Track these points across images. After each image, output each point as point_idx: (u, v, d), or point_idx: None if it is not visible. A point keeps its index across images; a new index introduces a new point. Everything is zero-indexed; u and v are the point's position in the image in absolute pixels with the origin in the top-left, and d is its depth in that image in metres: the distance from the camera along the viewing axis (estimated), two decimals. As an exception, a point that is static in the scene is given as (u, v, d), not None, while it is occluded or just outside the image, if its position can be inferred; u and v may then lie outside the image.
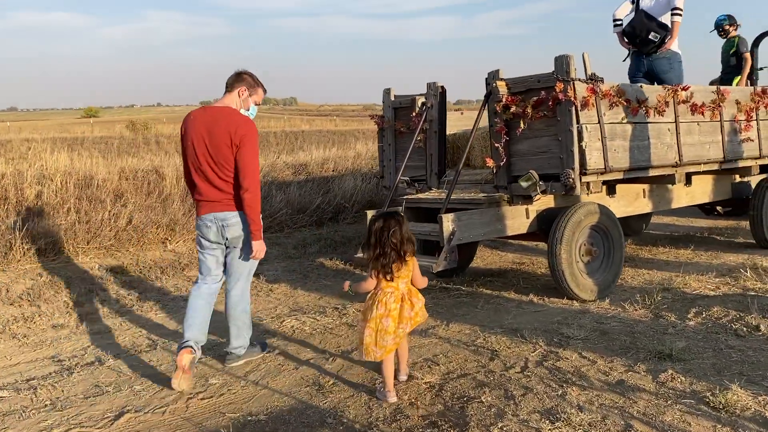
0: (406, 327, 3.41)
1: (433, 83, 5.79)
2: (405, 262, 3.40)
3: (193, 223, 7.88)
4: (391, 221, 3.41)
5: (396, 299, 3.39)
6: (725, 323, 4.23)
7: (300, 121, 46.78)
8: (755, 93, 6.16)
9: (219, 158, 3.69)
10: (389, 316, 3.36)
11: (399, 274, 3.40)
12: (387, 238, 3.35)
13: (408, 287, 3.46)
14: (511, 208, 5.21)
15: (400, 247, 3.36)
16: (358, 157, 12.62)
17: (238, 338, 4.03)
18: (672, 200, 6.47)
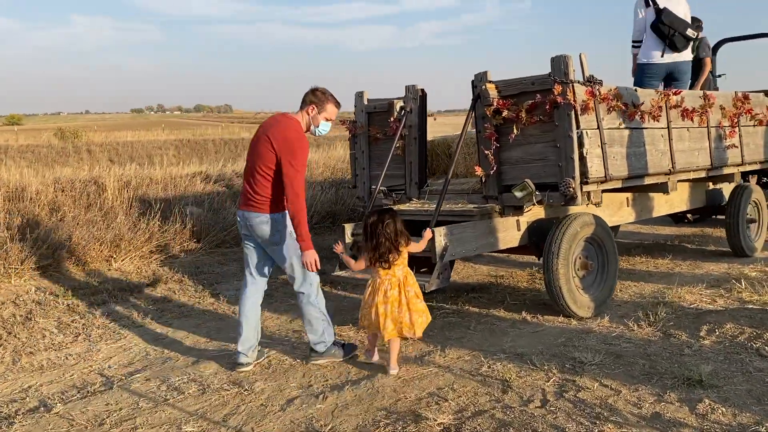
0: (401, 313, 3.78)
1: (412, 86, 5.37)
2: (400, 252, 3.79)
3: (140, 238, 7.21)
4: (385, 215, 3.83)
5: (393, 285, 3.80)
6: (743, 342, 3.97)
7: (239, 129, 45.56)
8: (737, 99, 6.02)
9: (258, 160, 3.85)
10: (388, 302, 3.77)
11: (395, 262, 3.79)
12: (382, 230, 3.75)
13: (405, 272, 3.85)
14: (502, 220, 4.84)
15: (394, 239, 3.76)
16: (314, 165, 12.06)
17: (314, 333, 4.04)
18: (653, 209, 6.26)
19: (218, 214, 8.36)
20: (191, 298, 5.98)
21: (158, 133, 35.28)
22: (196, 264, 7.11)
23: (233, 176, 11.02)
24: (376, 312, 3.80)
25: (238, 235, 8.08)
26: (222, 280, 6.57)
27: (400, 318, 3.79)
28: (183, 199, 8.74)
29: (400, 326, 3.79)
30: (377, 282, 3.83)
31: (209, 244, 7.71)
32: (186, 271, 6.77)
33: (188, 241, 7.61)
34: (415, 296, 3.86)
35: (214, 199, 8.77)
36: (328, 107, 4.00)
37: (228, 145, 34.17)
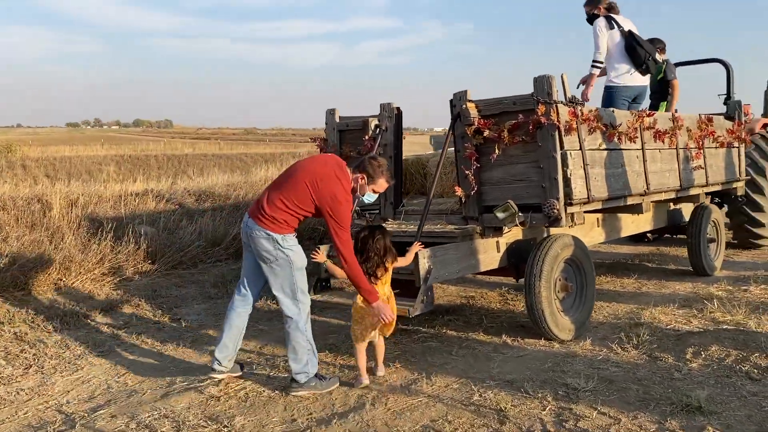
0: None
1: (387, 104, 5.24)
2: (386, 269, 3.93)
3: (91, 260, 6.80)
4: (375, 231, 3.98)
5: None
6: (731, 364, 3.96)
7: (181, 144, 44.56)
8: (701, 121, 6.13)
9: (292, 192, 3.79)
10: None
11: (381, 278, 3.92)
12: (372, 245, 3.89)
13: (387, 288, 3.98)
14: (483, 241, 4.74)
15: (383, 254, 3.90)
16: (268, 182, 11.76)
17: (297, 362, 3.89)
18: (621, 229, 6.31)
19: (174, 234, 8.00)
20: (150, 324, 5.63)
21: (97, 149, 34.08)
22: (152, 287, 6.74)
23: (185, 194, 10.63)
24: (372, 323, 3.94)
25: (195, 256, 7.78)
26: (182, 304, 6.25)
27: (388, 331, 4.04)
28: (135, 218, 8.34)
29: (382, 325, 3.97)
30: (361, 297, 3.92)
31: (165, 265, 7.34)
32: (142, 294, 6.41)
33: (143, 263, 7.23)
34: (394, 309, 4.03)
35: (168, 218, 8.39)
36: (380, 181, 3.99)
37: (171, 160, 33.31)
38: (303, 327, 3.92)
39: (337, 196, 3.75)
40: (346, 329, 5.22)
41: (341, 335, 5.10)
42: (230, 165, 30.21)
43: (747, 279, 6.48)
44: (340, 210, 3.74)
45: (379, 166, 3.97)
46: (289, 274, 3.85)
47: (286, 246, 3.81)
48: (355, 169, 3.96)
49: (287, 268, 3.84)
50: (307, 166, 3.90)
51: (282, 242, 3.80)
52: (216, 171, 18.06)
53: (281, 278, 3.87)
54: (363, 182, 3.94)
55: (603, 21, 6.29)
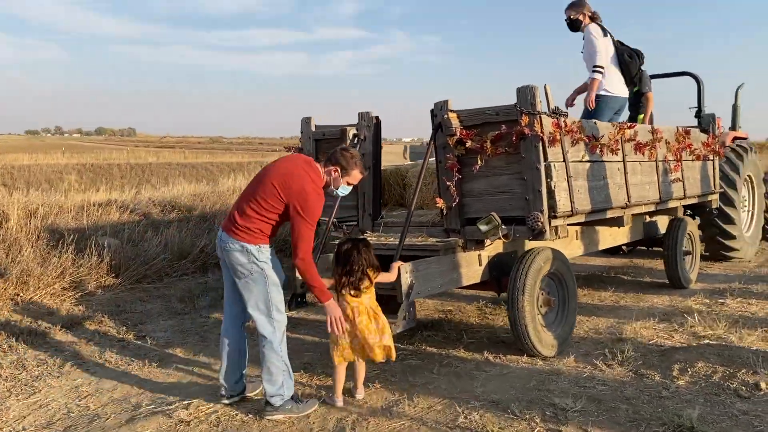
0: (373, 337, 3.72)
1: (366, 113, 5.08)
2: (370, 282, 3.79)
3: (51, 273, 6.48)
4: (359, 243, 3.86)
5: (361, 312, 3.74)
6: (718, 381, 3.88)
7: (145, 153, 43.71)
8: (679, 134, 6.12)
9: (260, 194, 3.62)
10: (358, 329, 3.72)
11: (365, 290, 3.77)
12: (356, 258, 3.75)
13: (372, 302, 3.81)
14: (465, 255, 4.60)
15: (366, 267, 3.76)
16: (238, 191, 11.48)
17: (272, 384, 3.68)
18: (599, 242, 6.25)
19: (138, 246, 7.72)
20: (114, 341, 5.34)
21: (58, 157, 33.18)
22: (115, 302, 6.45)
23: (150, 204, 10.32)
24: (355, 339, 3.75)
25: (161, 270, 7.49)
26: (147, 320, 5.96)
27: (373, 344, 3.74)
28: (98, 230, 8.02)
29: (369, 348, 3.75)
30: (347, 311, 3.75)
31: (129, 279, 7.06)
32: (105, 310, 6.11)
33: (106, 277, 6.94)
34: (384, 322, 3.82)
35: (132, 229, 8.09)
36: (354, 173, 3.84)
37: (134, 169, 32.62)
38: (278, 347, 3.72)
39: (306, 189, 3.58)
40: (322, 347, 5.04)
41: (317, 353, 4.90)
42: (196, 174, 29.71)
43: (723, 292, 6.48)
44: (308, 204, 3.56)
45: (352, 157, 3.82)
46: (263, 290, 3.66)
47: (261, 259, 3.63)
48: (326, 162, 3.81)
49: (262, 283, 3.65)
50: (274, 167, 3.75)
51: (257, 254, 3.62)
52: (181, 180, 17.67)
53: (256, 294, 3.67)
54: (336, 174, 3.79)
55: (597, 28, 6.16)
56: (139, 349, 5.17)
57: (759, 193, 9.04)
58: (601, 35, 6.10)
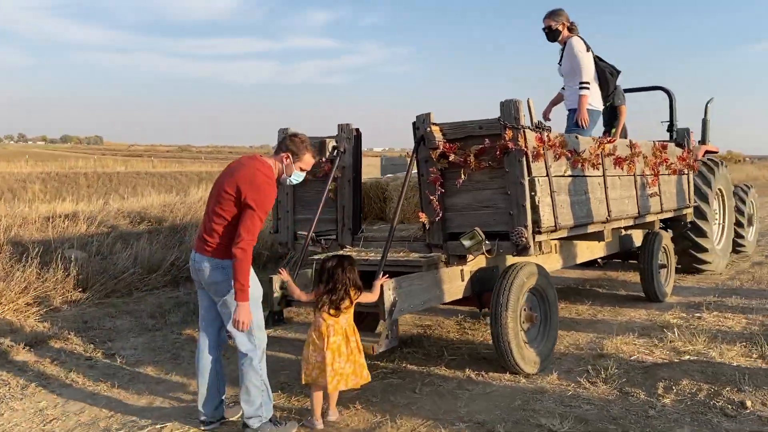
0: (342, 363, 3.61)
1: (346, 125, 4.99)
2: (351, 302, 3.68)
3: (14, 288, 6.23)
4: (344, 261, 3.73)
5: (336, 332, 3.64)
6: (704, 400, 3.84)
7: (112, 162, 42.90)
8: (656, 148, 6.15)
9: (219, 202, 3.53)
10: (329, 349, 3.60)
11: (344, 312, 3.67)
12: (340, 276, 3.65)
13: (349, 323, 3.70)
14: (448, 270, 4.52)
15: (349, 286, 3.65)
16: (201, 204, 11.25)
17: (250, 404, 3.57)
18: (577, 255, 6.24)
19: (107, 259, 7.47)
20: (81, 360, 5.13)
21: (21, 165, 32.32)
22: (83, 318, 6.21)
23: (118, 215, 10.05)
24: (323, 359, 3.61)
25: (131, 284, 7.26)
26: (116, 337, 5.74)
27: (340, 370, 3.63)
28: (64, 242, 7.75)
29: (338, 379, 3.64)
30: (322, 328, 3.66)
31: (97, 294, 6.82)
32: (72, 326, 5.88)
33: (72, 291, 6.69)
34: (357, 349, 3.73)
35: (101, 241, 7.84)
36: (305, 157, 3.74)
37: (102, 179, 31.98)
38: (258, 365, 3.60)
39: (256, 180, 3.47)
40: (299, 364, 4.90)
41: (294, 371, 4.76)
42: (165, 184, 29.25)
43: (699, 305, 6.51)
44: (259, 194, 3.43)
45: (302, 142, 3.72)
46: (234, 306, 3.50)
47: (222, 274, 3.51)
48: (277, 151, 3.74)
49: (231, 301, 3.51)
50: (221, 174, 3.65)
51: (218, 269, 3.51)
52: (150, 190, 17.31)
53: (231, 309, 3.52)
54: (288, 161, 3.68)
55: (580, 42, 6.03)
56: (108, 368, 4.97)
57: (729, 206, 9.16)
58: (585, 50, 6.00)
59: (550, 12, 6.18)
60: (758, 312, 6.14)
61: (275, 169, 3.66)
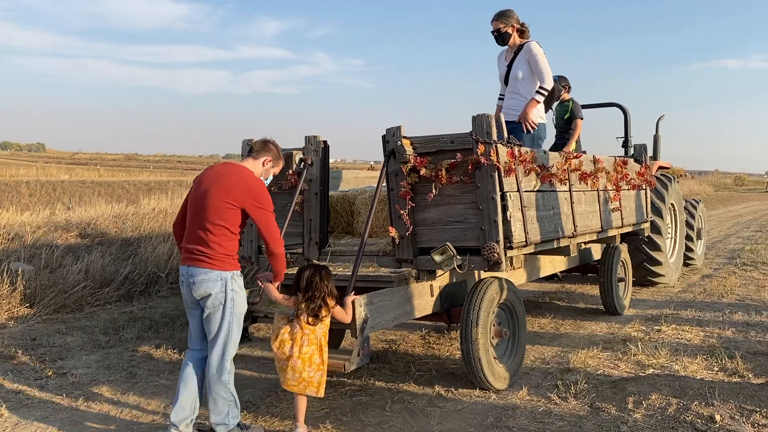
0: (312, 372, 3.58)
1: (313, 137, 4.89)
2: (329, 311, 3.65)
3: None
4: (322, 270, 3.71)
5: (310, 342, 3.60)
6: (674, 414, 3.87)
7: (56, 170, 41.54)
8: (617, 163, 6.25)
9: (211, 213, 3.52)
10: (300, 358, 3.57)
11: (323, 320, 3.64)
12: (318, 284, 3.62)
13: (324, 333, 3.66)
14: (418, 286, 4.46)
15: (327, 295, 3.62)
16: (162, 213, 10.94)
17: (217, 413, 3.58)
18: (540, 269, 6.28)
19: (55, 272, 7.15)
20: (30, 379, 4.85)
21: (-43, 172, 30.95)
22: (30, 334, 5.91)
23: (67, 226, 9.66)
24: (285, 362, 3.60)
25: (82, 298, 6.96)
26: (67, 355, 5.47)
27: (308, 378, 3.60)
28: (9, 255, 7.39)
29: (305, 384, 3.60)
30: (296, 334, 3.62)
31: (46, 309, 6.51)
32: (18, 344, 5.58)
33: (19, 307, 6.39)
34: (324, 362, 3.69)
35: (49, 254, 7.50)
36: (280, 163, 3.95)
37: (45, 187, 30.89)
38: (225, 378, 3.61)
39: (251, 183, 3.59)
40: (264, 383, 4.77)
41: (258, 390, 4.62)
42: (113, 193, 28.41)
43: (657, 318, 6.63)
44: (262, 195, 3.59)
45: (277, 148, 3.89)
46: (228, 319, 3.57)
47: (234, 287, 3.57)
48: (258, 154, 3.81)
49: (228, 312, 3.57)
50: (212, 186, 3.59)
51: (230, 282, 3.55)
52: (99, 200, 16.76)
53: (217, 322, 3.57)
54: (268, 166, 3.84)
55: (539, 47, 5.67)
56: (60, 388, 4.71)
57: (681, 221, 9.42)
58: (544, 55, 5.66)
59: (499, 14, 5.81)
60: (714, 325, 6.29)
61: (255, 172, 3.74)
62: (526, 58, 5.69)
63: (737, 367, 4.75)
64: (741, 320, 6.47)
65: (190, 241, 3.60)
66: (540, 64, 5.60)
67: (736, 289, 8.26)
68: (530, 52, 5.65)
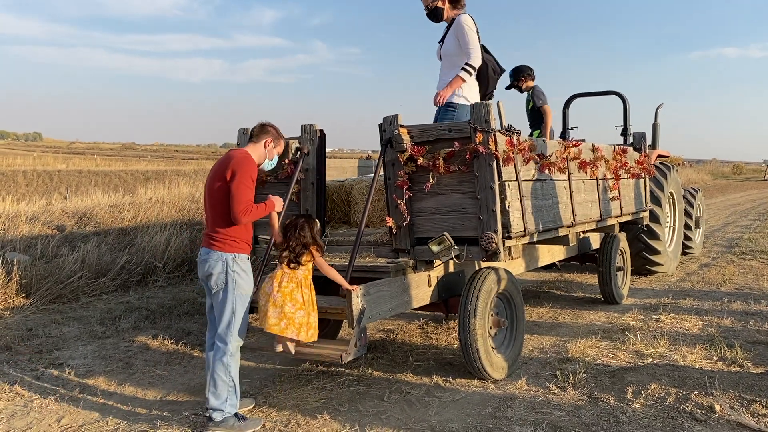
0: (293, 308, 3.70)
1: (309, 125, 4.84)
2: (312, 256, 3.82)
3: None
4: (299, 220, 3.88)
5: (291, 280, 3.75)
6: (673, 404, 3.85)
7: (53, 159, 41.37)
8: (617, 152, 6.21)
9: (218, 201, 3.65)
10: (280, 292, 3.71)
11: (305, 265, 3.80)
12: (296, 233, 3.80)
13: (305, 276, 3.81)
14: (416, 276, 4.43)
15: (309, 242, 3.80)
16: (160, 203, 10.89)
17: (216, 397, 3.60)
18: (539, 258, 6.25)
19: (52, 262, 7.11)
20: (26, 370, 4.83)
21: (-47, 162, 30.82)
22: (26, 325, 5.88)
23: (63, 216, 9.61)
24: (266, 301, 3.73)
25: (78, 289, 6.93)
26: (63, 346, 5.45)
27: (290, 314, 3.70)
28: (5, 245, 7.35)
29: (286, 322, 3.69)
30: (276, 274, 3.79)
31: (42, 299, 6.48)
32: (15, 334, 5.55)
33: (15, 297, 6.35)
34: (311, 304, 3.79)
35: (45, 244, 7.46)
36: (282, 142, 4.00)
37: (42, 177, 30.78)
38: (227, 360, 3.64)
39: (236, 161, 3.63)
40: (261, 372, 4.75)
41: (255, 380, 4.60)
42: (110, 183, 28.34)
43: (655, 307, 6.61)
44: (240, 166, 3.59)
45: (276, 130, 3.95)
46: (231, 299, 3.64)
47: (235, 269, 3.64)
48: (258, 137, 3.87)
49: (231, 293, 3.64)
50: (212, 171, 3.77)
51: (231, 263, 3.63)
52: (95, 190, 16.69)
53: (220, 302, 3.66)
54: (270, 146, 3.90)
55: (471, 20, 5.06)
56: (56, 379, 4.69)
57: (679, 209, 9.40)
58: (474, 29, 5.03)
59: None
60: (712, 314, 6.28)
61: (255, 155, 3.79)
62: (455, 33, 5.09)
63: (736, 357, 4.74)
64: (740, 309, 6.46)
65: (206, 229, 3.80)
66: (467, 38, 4.98)
67: (734, 278, 8.25)
68: (459, 26, 5.04)
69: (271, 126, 3.94)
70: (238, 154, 3.70)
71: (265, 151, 3.88)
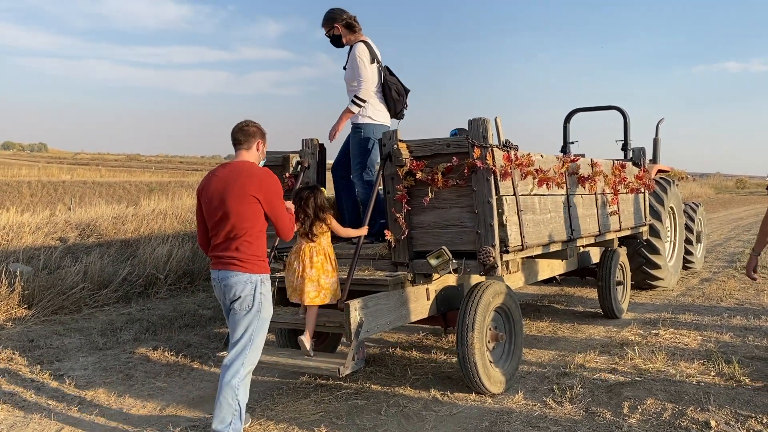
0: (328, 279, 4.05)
1: (309, 140, 4.90)
2: (325, 225, 4.09)
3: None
4: (304, 191, 4.15)
5: (318, 253, 4.06)
6: (668, 420, 3.87)
7: (57, 170, 41.58)
8: (615, 167, 6.25)
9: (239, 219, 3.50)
10: (313, 267, 4.03)
11: (319, 233, 4.09)
12: (300, 206, 4.04)
13: (328, 242, 4.15)
14: (414, 289, 4.46)
15: (315, 212, 4.07)
16: (162, 215, 10.95)
17: (219, 420, 3.47)
18: (539, 273, 6.27)
19: (54, 274, 7.16)
20: (27, 382, 4.86)
21: (-41, 173, 31.04)
22: (28, 336, 5.92)
23: (66, 227, 9.68)
24: (301, 278, 4.01)
25: (80, 300, 6.97)
26: (64, 357, 5.48)
27: (326, 285, 4.04)
28: (8, 256, 7.40)
29: (324, 293, 4.03)
30: (301, 251, 4.07)
31: (44, 310, 6.52)
32: (16, 345, 5.59)
33: (17, 308, 6.40)
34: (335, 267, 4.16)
35: (48, 255, 7.51)
36: (266, 137, 3.87)
37: (46, 187, 30.97)
38: (236, 383, 3.50)
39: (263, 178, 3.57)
40: (260, 385, 4.78)
41: (256, 393, 4.61)
42: (113, 194, 28.51)
43: (655, 322, 6.62)
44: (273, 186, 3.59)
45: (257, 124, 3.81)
46: (254, 323, 3.55)
47: (263, 291, 3.57)
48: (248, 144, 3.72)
49: (254, 316, 3.54)
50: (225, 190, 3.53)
51: (260, 286, 3.55)
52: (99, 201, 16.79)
53: (241, 324, 3.55)
54: (262, 147, 3.84)
55: (365, 50, 4.94)
56: (57, 390, 4.72)
57: (680, 224, 9.41)
58: (368, 61, 4.92)
59: (324, 19, 5.16)
60: (712, 329, 6.28)
61: (255, 161, 3.75)
62: (351, 63, 5.03)
63: (734, 372, 4.74)
64: (739, 324, 6.46)
65: (219, 249, 3.57)
66: (359, 69, 4.89)
67: (735, 293, 8.25)
68: (352, 56, 4.98)
69: (253, 126, 3.74)
70: (255, 171, 3.57)
71: (258, 154, 3.79)
